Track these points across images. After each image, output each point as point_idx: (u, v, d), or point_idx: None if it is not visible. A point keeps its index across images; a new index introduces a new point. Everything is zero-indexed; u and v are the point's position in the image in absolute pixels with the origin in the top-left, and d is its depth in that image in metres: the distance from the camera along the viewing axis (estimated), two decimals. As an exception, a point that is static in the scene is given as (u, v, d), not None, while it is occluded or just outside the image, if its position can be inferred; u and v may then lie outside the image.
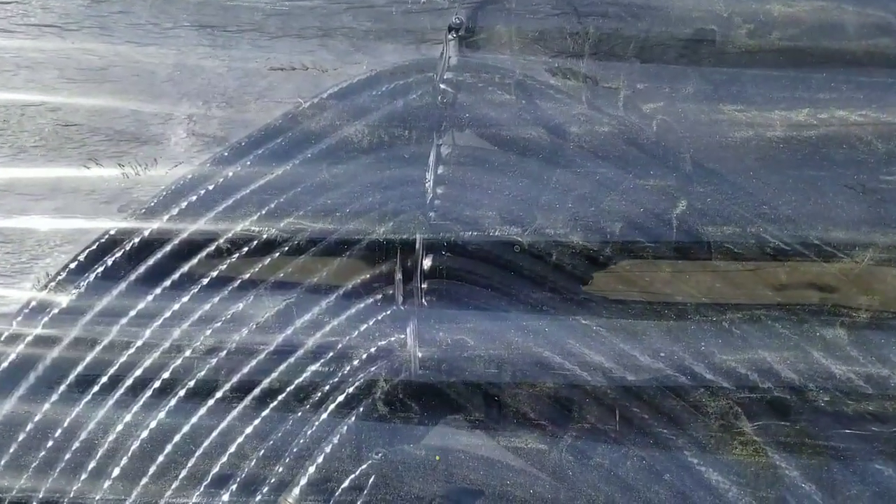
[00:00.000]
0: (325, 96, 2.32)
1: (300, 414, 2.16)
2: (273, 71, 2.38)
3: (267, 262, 2.21)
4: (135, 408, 2.16)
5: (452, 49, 2.34)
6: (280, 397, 2.16)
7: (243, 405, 2.15)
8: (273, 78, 2.38)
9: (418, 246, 2.20)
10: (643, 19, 2.34)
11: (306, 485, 2.12)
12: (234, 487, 2.13)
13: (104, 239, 2.24)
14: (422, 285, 2.20)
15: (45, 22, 2.41)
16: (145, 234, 2.23)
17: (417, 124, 2.29)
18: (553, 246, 2.19)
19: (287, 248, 2.21)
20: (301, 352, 2.17)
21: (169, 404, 2.16)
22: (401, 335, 2.18)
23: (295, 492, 2.12)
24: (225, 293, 2.20)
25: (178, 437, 2.14)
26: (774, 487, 2.12)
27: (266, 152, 2.28)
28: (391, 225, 2.22)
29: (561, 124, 2.28)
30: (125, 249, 2.22)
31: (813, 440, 2.14)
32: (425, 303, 2.20)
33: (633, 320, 2.18)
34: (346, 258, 2.22)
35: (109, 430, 2.14)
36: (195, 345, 2.17)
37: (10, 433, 2.15)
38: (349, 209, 2.23)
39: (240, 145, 2.30)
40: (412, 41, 2.38)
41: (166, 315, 2.18)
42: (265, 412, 2.15)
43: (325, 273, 2.22)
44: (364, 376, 2.17)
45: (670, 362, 2.15)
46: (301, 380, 2.16)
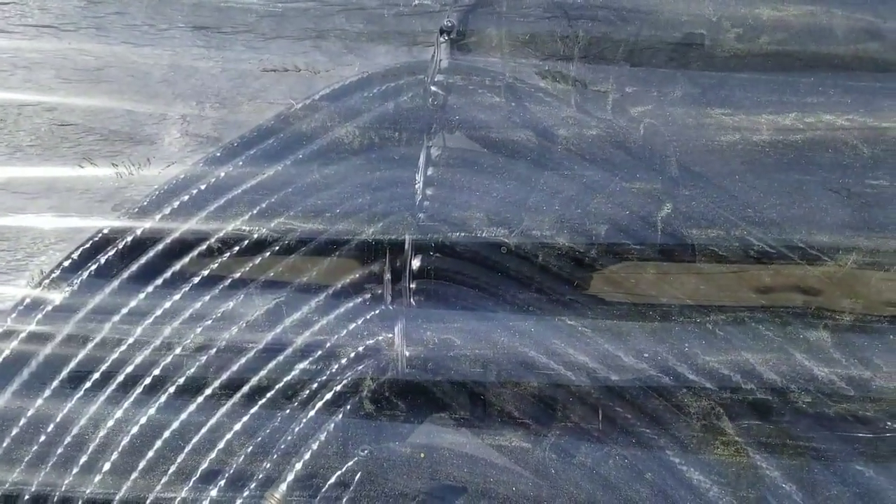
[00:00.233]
0: (318, 98, 2.34)
1: (288, 411, 2.17)
2: (266, 72, 2.39)
3: (257, 262, 2.23)
4: (125, 404, 2.17)
5: (443, 52, 2.35)
6: (268, 395, 2.17)
7: (232, 402, 2.16)
8: (266, 79, 2.39)
9: (407, 246, 2.21)
10: (632, 23, 2.35)
11: (293, 481, 2.13)
12: (222, 483, 2.14)
13: (98, 237, 2.26)
14: (410, 285, 2.21)
15: (42, 22, 2.43)
16: (138, 233, 2.24)
17: (408, 126, 2.31)
18: (540, 247, 2.20)
19: (277, 248, 2.23)
20: (290, 350, 2.18)
21: (159, 401, 2.17)
22: (388, 334, 2.19)
23: (282, 488, 2.13)
24: (216, 292, 2.21)
25: (168, 434, 2.15)
26: (755, 487, 2.13)
27: (258, 153, 2.30)
28: (381, 225, 2.23)
29: (550, 127, 2.29)
30: (118, 248, 2.24)
31: (794, 441, 2.14)
32: (413, 302, 2.22)
33: (618, 321, 2.19)
34: (336, 258, 2.24)
35: (100, 426, 2.16)
36: (185, 342, 2.19)
37: (3, 428, 2.17)
38: (339, 210, 2.25)
39: (232, 146, 2.32)
40: (404, 44, 2.40)
41: (158, 313, 2.20)
42: (253, 409, 2.16)
43: (315, 272, 2.23)
44: (351, 374, 2.19)
45: (654, 363, 2.15)
46: (289, 377, 2.17)
